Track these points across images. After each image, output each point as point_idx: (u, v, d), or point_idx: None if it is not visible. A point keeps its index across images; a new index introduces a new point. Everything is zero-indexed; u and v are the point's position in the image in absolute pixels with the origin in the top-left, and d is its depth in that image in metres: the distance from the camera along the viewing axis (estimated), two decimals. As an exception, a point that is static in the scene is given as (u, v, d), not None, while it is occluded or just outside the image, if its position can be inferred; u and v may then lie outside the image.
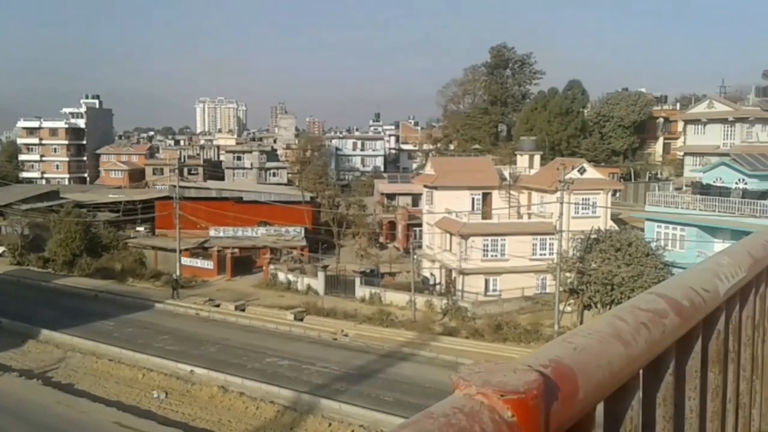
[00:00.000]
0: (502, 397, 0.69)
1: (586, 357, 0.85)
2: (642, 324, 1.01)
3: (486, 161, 56.76)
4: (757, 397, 1.89)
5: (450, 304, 40.45)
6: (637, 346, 0.96)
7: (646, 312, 1.05)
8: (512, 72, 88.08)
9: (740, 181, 43.78)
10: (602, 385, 0.87)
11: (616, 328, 0.96)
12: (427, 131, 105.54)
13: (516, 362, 0.76)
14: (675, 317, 1.10)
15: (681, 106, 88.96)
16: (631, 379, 0.99)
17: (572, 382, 0.79)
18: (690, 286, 1.23)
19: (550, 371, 0.79)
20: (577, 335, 0.92)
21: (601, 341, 0.91)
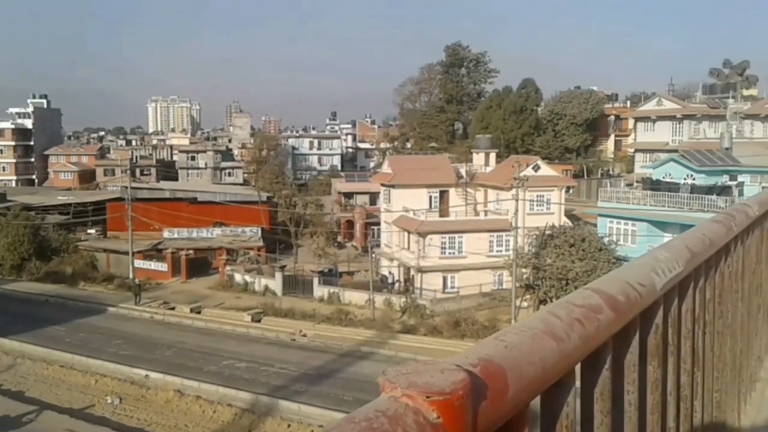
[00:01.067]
0: (427, 398, 0.68)
1: (518, 354, 0.84)
2: (576, 320, 1.01)
3: (443, 159, 57.13)
4: (699, 388, 1.92)
5: (408, 302, 40.62)
6: (570, 342, 0.96)
7: (580, 308, 1.05)
8: (467, 71, 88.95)
9: (688, 176, 45.04)
10: (534, 382, 0.86)
11: (550, 325, 0.95)
12: (384, 130, 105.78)
13: (445, 362, 0.76)
14: (610, 312, 1.10)
15: (631, 103, 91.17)
16: (565, 375, 0.99)
17: (502, 380, 0.78)
18: (626, 281, 1.24)
19: (479, 370, 0.78)
20: (509, 333, 0.91)
21: (533, 338, 0.90)
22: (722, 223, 2.17)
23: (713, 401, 2.16)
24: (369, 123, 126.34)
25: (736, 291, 2.54)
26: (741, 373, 2.79)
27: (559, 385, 0.99)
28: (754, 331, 3.12)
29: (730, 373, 2.46)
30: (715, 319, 2.16)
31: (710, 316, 2.06)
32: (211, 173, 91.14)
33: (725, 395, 2.37)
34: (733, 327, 2.51)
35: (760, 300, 3.26)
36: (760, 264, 3.24)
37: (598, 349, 1.13)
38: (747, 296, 2.87)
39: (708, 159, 46.28)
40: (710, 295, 2.06)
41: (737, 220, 2.35)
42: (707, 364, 2.04)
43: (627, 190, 46.51)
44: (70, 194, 73.66)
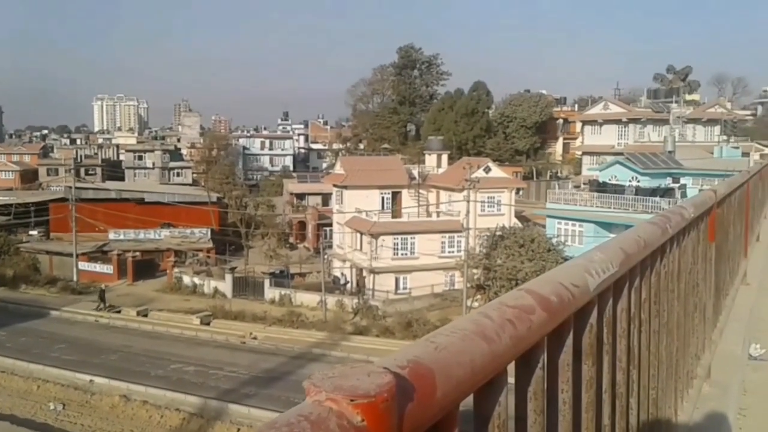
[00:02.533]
0: (351, 401, 0.67)
1: (447, 355, 0.85)
2: (508, 320, 1.02)
3: (395, 160, 57.36)
4: (635, 386, 1.97)
5: (361, 304, 40.62)
6: (501, 342, 0.96)
7: (512, 308, 1.06)
8: (420, 72, 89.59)
9: (633, 178, 46.31)
10: (464, 383, 0.87)
11: (481, 326, 0.96)
12: (336, 130, 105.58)
13: (372, 365, 0.75)
14: (542, 313, 1.12)
15: (579, 107, 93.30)
16: (497, 375, 1.00)
17: (430, 381, 0.78)
18: (560, 282, 1.26)
19: (407, 372, 0.78)
20: (440, 334, 0.91)
21: (464, 339, 0.90)
22: (657, 224, 2.23)
23: (649, 398, 2.22)
24: (321, 123, 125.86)
25: (672, 290, 2.62)
26: (678, 370, 2.87)
27: (490, 385, 1.00)
28: (690, 329, 3.22)
29: (666, 370, 2.53)
30: (651, 318, 2.22)
31: (646, 315, 2.12)
32: (159, 173, 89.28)
33: (662, 392, 2.43)
34: (670, 326, 2.58)
35: (696, 299, 3.36)
36: (696, 264, 3.34)
37: (531, 349, 1.15)
38: (683, 295, 2.96)
39: (652, 162, 47.67)
40: (646, 294, 2.11)
41: (672, 222, 2.42)
42: (643, 363, 2.09)
43: (574, 192, 47.57)
44: (11, 194, 71.09)
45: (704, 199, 3.48)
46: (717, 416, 3.48)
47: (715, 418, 3.45)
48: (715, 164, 43.57)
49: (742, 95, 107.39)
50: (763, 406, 4.53)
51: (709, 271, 3.80)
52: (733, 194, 5.16)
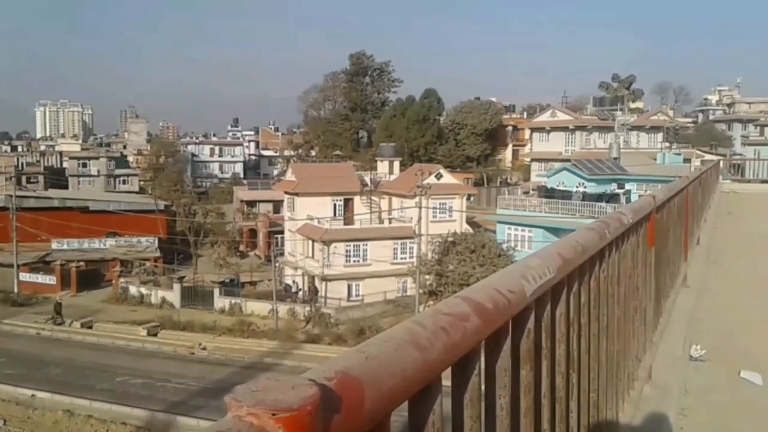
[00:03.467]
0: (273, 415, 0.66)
1: (377, 365, 0.84)
2: (441, 328, 1.01)
3: (347, 167, 57.34)
4: (575, 389, 2.00)
5: (313, 311, 40.38)
6: (434, 350, 0.96)
7: (447, 316, 1.06)
8: (371, 79, 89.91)
9: (580, 184, 47.32)
10: (395, 393, 0.86)
11: (414, 334, 0.96)
12: (288, 137, 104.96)
13: (298, 377, 0.75)
14: (477, 319, 1.12)
15: (528, 114, 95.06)
16: (431, 383, 0.99)
17: (358, 392, 0.77)
18: (496, 288, 1.27)
19: (335, 383, 0.77)
20: (372, 344, 0.91)
21: (395, 348, 0.90)
22: (596, 230, 2.27)
23: (590, 401, 2.26)
24: (272, 130, 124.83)
25: (612, 295, 2.67)
26: (619, 372, 2.93)
27: (424, 393, 0.99)
28: (631, 332, 3.29)
29: (607, 373, 2.58)
30: (591, 322, 2.26)
31: (585, 319, 2.15)
32: (105, 181, 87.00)
33: (603, 395, 2.48)
34: (610, 329, 2.63)
35: (636, 302, 3.44)
36: (636, 268, 3.42)
37: (466, 356, 1.15)
38: (623, 299, 3.02)
39: (598, 168, 48.82)
40: (585, 299, 2.15)
41: (611, 228, 2.47)
42: (583, 366, 2.13)
43: (524, 198, 48.35)
44: (-53, 203, 68.20)
45: (643, 204, 3.57)
46: (658, 417, 3.56)
47: (656, 419, 3.53)
48: (658, 170, 44.85)
49: (684, 103, 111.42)
50: (703, 406, 4.67)
51: (649, 275, 3.89)
52: (672, 200, 5.31)
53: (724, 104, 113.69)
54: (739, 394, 4.94)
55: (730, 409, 4.69)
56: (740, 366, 5.41)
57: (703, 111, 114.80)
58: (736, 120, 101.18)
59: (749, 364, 5.45)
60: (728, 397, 4.89)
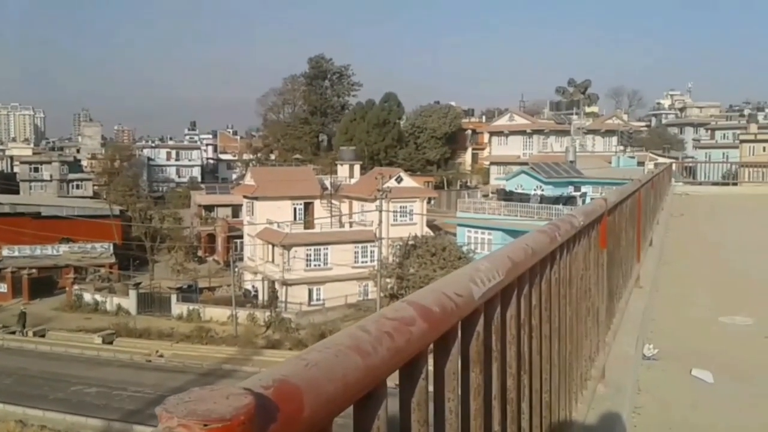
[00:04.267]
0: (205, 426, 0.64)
1: (317, 372, 0.83)
2: (386, 333, 1.01)
3: (307, 171, 57.10)
4: (526, 391, 2.02)
5: (273, 316, 40.06)
6: (378, 355, 0.96)
7: (392, 321, 1.06)
8: (331, 83, 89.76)
9: (538, 187, 48.03)
10: (336, 400, 0.85)
11: (357, 340, 0.95)
12: (246, 141, 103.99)
13: (233, 387, 0.73)
14: (423, 324, 1.12)
15: (486, 118, 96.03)
16: (375, 389, 0.99)
17: (297, 400, 0.76)
18: (443, 292, 1.27)
19: (272, 392, 0.76)
20: (314, 350, 0.90)
21: (337, 354, 0.89)
22: (546, 233, 2.30)
23: (542, 402, 2.28)
24: (231, 133, 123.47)
25: (563, 296, 2.70)
26: (571, 373, 2.97)
27: (369, 399, 0.99)
28: (584, 332, 3.34)
29: (559, 374, 2.60)
30: (542, 324, 2.28)
31: (537, 321, 2.17)
32: (57, 186, 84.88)
33: (555, 395, 2.50)
34: (562, 330, 2.66)
35: (589, 303, 3.49)
36: (588, 270, 3.47)
37: (413, 360, 1.15)
38: (575, 300, 3.06)
39: (555, 171, 49.65)
40: (536, 301, 2.17)
41: (562, 230, 2.50)
42: (534, 367, 2.15)
43: (483, 201, 48.84)
44: None
45: (595, 207, 3.63)
46: (611, 416, 3.62)
47: (610, 418, 3.58)
48: (613, 173, 45.79)
49: (637, 107, 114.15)
50: (656, 403, 4.77)
51: (601, 276, 3.96)
52: (624, 202, 5.41)
53: (676, 108, 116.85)
54: (691, 392, 5.06)
55: (682, 407, 4.80)
56: (692, 364, 5.55)
57: (656, 115, 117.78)
58: (688, 124, 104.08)
59: (700, 363, 5.59)
60: (680, 395, 5.01)
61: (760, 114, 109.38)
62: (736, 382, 5.30)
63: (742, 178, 32.06)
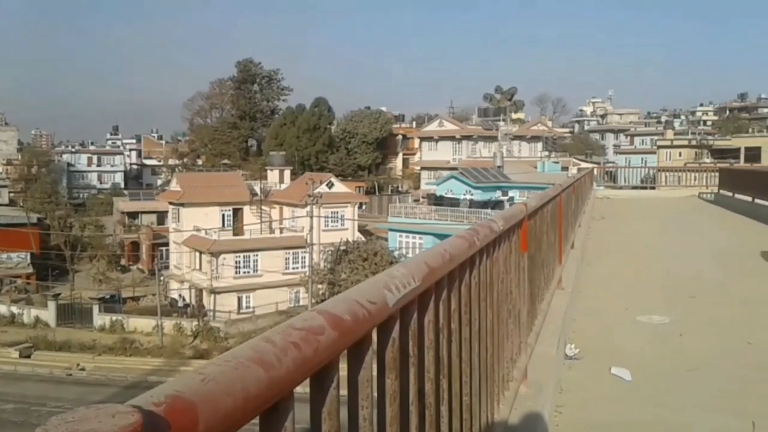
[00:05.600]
0: None
1: (215, 387, 0.80)
2: (292, 344, 0.99)
3: (236, 176, 56.23)
4: (445, 395, 2.03)
5: (201, 326, 39.16)
6: (282, 367, 0.94)
7: (299, 331, 1.04)
8: (260, 87, 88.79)
9: (467, 192, 48.89)
10: (234, 414, 0.83)
11: (260, 351, 0.93)
12: (172, 145, 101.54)
13: (122, 404, 0.71)
14: (333, 332, 1.11)
15: (417, 124, 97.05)
16: (281, 400, 0.97)
17: (191, 416, 0.75)
18: (355, 300, 1.27)
19: (163, 408, 0.73)
20: (213, 364, 0.87)
21: (237, 367, 0.87)
22: (465, 238, 2.33)
23: (462, 405, 2.30)
24: (156, 138, 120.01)
25: (484, 300, 2.74)
26: (493, 375, 3.02)
27: (275, 411, 0.97)
28: (505, 335, 3.40)
29: (480, 376, 2.64)
30: (462, 328, 2.31)
31: (456, 325, 2.20)
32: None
33: (476, 398, 2.53)
34: (482, 333, 2.70)
35: (510, 306, 3.56)
36: (509, 273, 3.54)
37: (323, 370, 1.14)
38: (496, 303, 3.11)
39: (483, 176, 50.67)
40: (455, 305, 2.19)
41: (481, 235, 2.54)
42: (454, 371, 2.17)
43: (414, 206, 49.32)
44: None
45: (515, 212, 3.71)
46: (533, 415, 3.69)
47: (531, 417, 3.66)
48: (538, 178, 47.09)
49: (561, 114, 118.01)
50: (577, 402, 4.90)
51: (522, 279, 4.04)
52: (545, 206, 5.55)
53: (598, 115, 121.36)
54: (610, 390, 5.23)
55: (602, 405, 4.95)
56: (611, 363, 5.74)
57: (579, 121, 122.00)
58: (609, 130, 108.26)
59: (619, 361, 5.79)
60: (600, 393, 5.17)
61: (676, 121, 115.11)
62: (652, 379, 5.50)
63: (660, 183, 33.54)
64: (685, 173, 34.33)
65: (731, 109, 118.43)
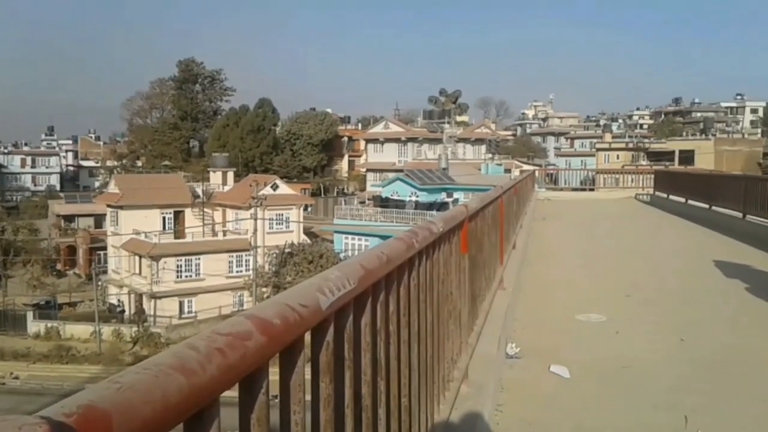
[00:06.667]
0: None
1: (131, 395, 0.77)
2: (217, 350, 0.97)
3: (177, 178, 55.10)
4: (383, 397, 2.02)
5: (141, 332, 38.21)
6: (206, 374, 0.92)
7: (225, 336, 1.02)
8: (202, 87, 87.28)
9: (413, 194, 49.19)
10: (153, 422, 0.80)
11: (182, 359, 0.90)
12: (111, 146, 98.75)
13: (30, 416, 0.67)
14: (261, 337, 1.09)
15: (362, 126, 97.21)
16: (205, 408, 0.95)
17: (104, 426, 0.73)
18: (286, 304, 1.25)
19: (75, 419, 0.70)
20: (131, 372, 0.84)
21: (157, 375, 0.84)
22: (403, 240, 2.33)
23: (401, 406, 2.30)
24: (93, 139, 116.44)
25: (423, 301, 2.75)
26: (433, 376, 3.03)
27: (197, 420, 0.95)
28: (445, 335, 3.42)
29: (420, 377, 2.65)
30: (401, 330, 2.31)
31: (394, 327, 2.19)
32: None
33: (415, 399, 2.54)
34: (422, 335, 2.71)
35: (450, 307, 3.58)
36: (449, 275, 3.57)
37: (251, 376, 1.11)
38: (437, 305, 3.13)
39: (429, 178, 51.08)
40: (394, 307, 2.19)
41: (420, 237, 2.55)
42: (392, 373, 2.16)
43: (360, 208, 49.34)
44: None
45: (455, 214, 3.74)
46: (473, 415, 3.73)
47: (472, 417, 3.69)
48: (482, 179, 47.76)
49: (504, 117, 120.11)
50: (518, 401, 4.98)
51: (463, 280, 4.08)
52: (486, 208, 5.62)
53: (540, 118, 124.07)
54: (549, 387, 5.33)
55: (542, 402, 5.04)
56: (551, 361, 5.85)
57: (522, 124, 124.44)
58: (550, 133, 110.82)
59: (559, 359, 5.91)
60: (540, 391, 5.26)
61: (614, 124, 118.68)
62: (589, 376, 5.64)
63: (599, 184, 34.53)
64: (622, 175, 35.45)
65: (666, 113, 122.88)
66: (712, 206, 17.74)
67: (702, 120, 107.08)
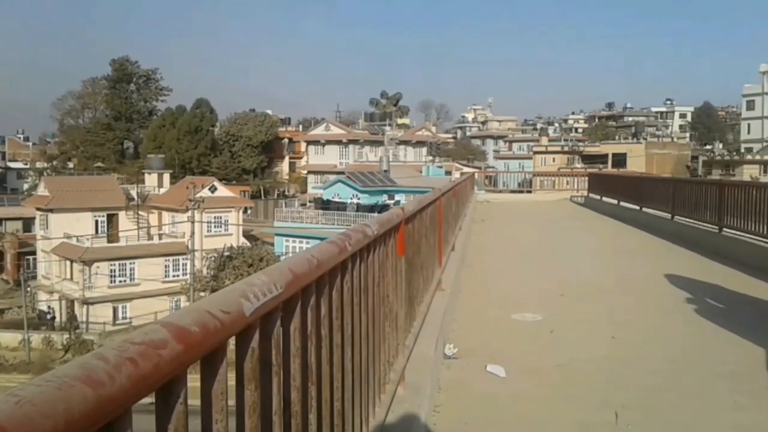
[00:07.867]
0: None
1: (31, 409, 0.76)
2: (127, 359, 0.93)
3: (111, 180, 53.56)
4: (314, 402, 2.00)
5: (72, 339, 36.90)
6: (115, 385, 0.88)
7: (138, 345, 0.98)
8: (137, 87, 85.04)
9: (354, 196, 49.17)
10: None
11: (89, 370, 0.87)
12: (40, 147, 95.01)
13: None
14: (177, 346, 1.06)
15: (303, 128, 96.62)
16: (114, 420, 0.91)
17: None
18: (206, 310, 1.21)
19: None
20: (32, 385, 0.80)
21: (60, 387, 0.80)
22: (336, 243, 2.31)
23: (333, 411, 2.28)
24: (21, 139, 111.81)
25: (357, 304, 2.74)
26: (368, 379, 3.02)
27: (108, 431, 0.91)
28: (381, 338, 3.42)
29: (354, 381, 2.63)
30: (334, 333, 2.29)
31: (326, 331, 2.18)
32: None
33: (348, 403, 2.52)
34: (356, 338, 2.70)
35: (386, 309, 3.58)
36: (385, 277, 3.56)
37: (167, 385, 1.08)
38: (372, 308, 3.12)
39: (370, 180, 51.16)
40: (325, 311, 2.17)
41: (353, 240, 2.54)
42: (324, 378, 2.14)
43: (301, 210, 48.99)
44: None
45: (391, 216, 3.74)
46: (410, 416, 3.74)
47: (408, 418, 3.70)
48: (423, 182, 48.14)
49: (445, 120, 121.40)
50: (455, 401, 5.02)
51: (400, 282, 4.08)
52: (423, 210, 5.66)
53: (479, 122, 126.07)
54: (486, 387, 5.41)
55: (478, 401, 5.10)
56: (487, 360, 5.94)
57: (462, 127, 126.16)
58: (489, 136, 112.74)
59: (495, 358, 6.00)
60: (476, 390, 5.33)
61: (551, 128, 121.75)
62: (525, 374, 5.75)
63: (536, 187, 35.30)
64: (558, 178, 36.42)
65: (600, 117, 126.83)
66: (642, 207, 18.39)
67: (634, 124, 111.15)
